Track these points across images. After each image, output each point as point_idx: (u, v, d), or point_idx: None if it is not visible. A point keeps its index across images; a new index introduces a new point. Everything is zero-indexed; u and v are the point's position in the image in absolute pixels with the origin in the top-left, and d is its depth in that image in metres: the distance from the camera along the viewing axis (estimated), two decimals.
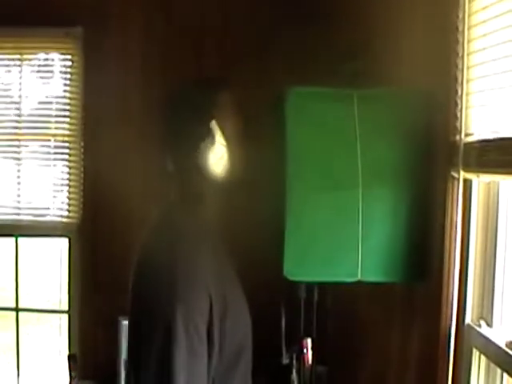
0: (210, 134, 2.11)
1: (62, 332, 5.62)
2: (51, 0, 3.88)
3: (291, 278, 2.42)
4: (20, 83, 4.18)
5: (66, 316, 4.24)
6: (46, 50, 4.18)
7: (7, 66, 4.22)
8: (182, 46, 3.94)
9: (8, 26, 3.93)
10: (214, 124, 2.12)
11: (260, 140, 2.31)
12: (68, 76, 4.13)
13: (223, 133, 2.13)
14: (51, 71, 4.21)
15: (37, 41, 4.14)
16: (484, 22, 2.16)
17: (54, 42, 4.12)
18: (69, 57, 4.13)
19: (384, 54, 2.90)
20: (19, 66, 4.19)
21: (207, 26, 3.94)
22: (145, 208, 3.36)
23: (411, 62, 2.64)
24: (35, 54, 4.22)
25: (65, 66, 4.15)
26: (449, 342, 2.30)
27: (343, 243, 2.39)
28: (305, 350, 2.74)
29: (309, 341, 2.74)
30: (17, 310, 4.34)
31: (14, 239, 4.25)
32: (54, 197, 4.17)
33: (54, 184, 4.16)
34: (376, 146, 2.41)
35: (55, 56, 4.20)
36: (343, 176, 2.40)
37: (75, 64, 4.09)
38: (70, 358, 3.80)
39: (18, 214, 4.17)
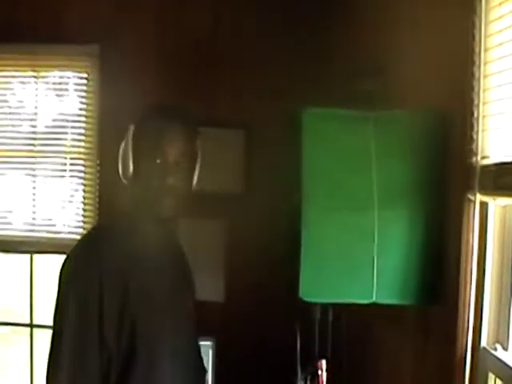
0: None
1: None
2: (68, 18, 3.91)
3: (307, 299, 2.42)
4: (36, 100, 4.20)
5: None
6: (62, 67, 4.20)
7: (23, 82, 4.24)
8: (196, 61, 3.95)
9: (24, 42, 3.96)
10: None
11: (277, 160, 2.31)
12: (83, 94, 4.15)
13: None
14: (67, 89, 4.23)
15: (53, 58, 4.16)
16: (500, 44, 2.17)
17: (70, 60, 4.14)
18: (85, 74, 4.15)
19: (400, 76, 2.90)
20: (35, 82, 4.21)
21: (221, 42, 3.96)
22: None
23: (428, 83, 2.64)
24: (51, 71, 4.24)
25: (80, 84, 4.17)
26: (464, 365, 2.28)
27: (358, 265, 2.39)
28: (319, 372, 2.72)
29: (323, 362, 2.73)
30: (31, 326, 4.34)
31: (29, 256, 4.26)
32: (69, 214, 4.17)
33: (69, 201, 4.18)
34: (392, 168, 2.41)
35: (71, 73, 4.21)
36: (359, 197, 2.40)
37: (91, 82, 4.12)
38: None
39: (33, 231, 4.18)
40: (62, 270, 2.16)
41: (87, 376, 2.03)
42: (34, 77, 4.21)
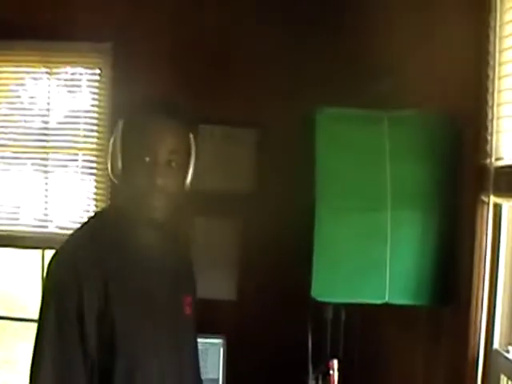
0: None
1: None
2: (81, 15, 3.91)
3: (319, 299, 2.42)
4: (48, 97, 4.22)
5: None
6: (75, 64, 4.21)
7: (35, 79, 4.25)
8: (209, 60, 3.95)
9: (38, 39, 3.98)
10: None
11: (289, 160, 2.29)
12: (96, 90, 4.17)
13: None
14: (79, 85, 4.24)
15: (66, 55, 4.17)
16: None
17: (83, 57, 4.16)
18: (97, 71, 4.16)
19: (413, 76, 2.89)
20: (48, 79, 4.23)
21: (233, 42, 3.96)
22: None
23: (441, 84, 2.63)
24: (64, 67, 4.25)
25: (93, 81, 4.19)
26: (476, 367, 2.28)
27: (371, 265, 2.39)
28: (331, 371, 2.72)
29: (335, 362, 2.73)
30: None
31: (40, 252, 4.27)
32: (81, 210, 4.19)
33: (81, 197, 4.19)
34: (406, 169, 2.40)
35: (84, 70, 4.23)
36: (372, 198, 2.39)
37: (103, 78, 4.13)
38: None
39: (45, 227, 4.20)
40: (48, 268, 2.13)
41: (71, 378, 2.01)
42: (47, 73, 4.23)
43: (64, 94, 4.26)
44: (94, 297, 2.02)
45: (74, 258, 2.07)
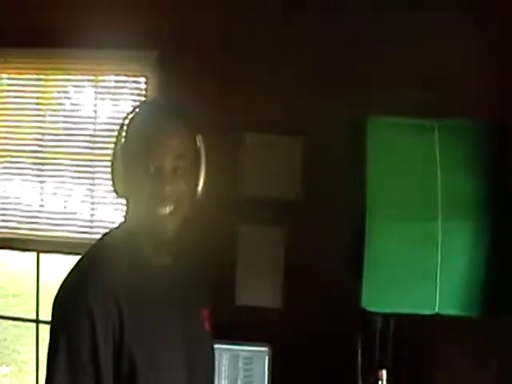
0: None
1: None
2: (127, 24, 3.93)
3: (369, 308, 2.41)
4: (94, 104, 4.24)
5: None
6: (121, 71, 4.23)
7: (82, 87, 4.29)
8: (255, 68, 3.94)
9: (84, 48, 4.01)
10: None
11: (336, 167, 2.28)
12: (142, 98, 4.18)
13: None
14: (125, 93, 4.26)
15: (112, 63, 4.19)
16: None
17: (129, 65, 4.17)
18: (143, 79, 4.18)
19: (463, 85, 2.87)
20: (94, 87, 4.26)
21: (283, 47, 3.94)
22: (211, 228, 3.40)
23: (494, 94, 2.61)
24: (110, 75, 4.27)
25: (138, 89, 4.21)
26: None
27: (422, 275, 2.38)
28: (380, 382, 2.71)
29: (384, 372, 2.72)
30: None
31: None
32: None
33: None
34: (457, 178, 2.39)
35: (129, 78, 4.25)
36: (423, 207, 2.39)
37: (150, 87, 4.14)
38: None
39: (92, 233, 4.22)
40: (54, 301, 1.92)
41: None
42: (93, 81, 4.26)
43: (110, 101, 4.29)
44: (108, 332, 1.83)
45: (83, 288, 1.86)
